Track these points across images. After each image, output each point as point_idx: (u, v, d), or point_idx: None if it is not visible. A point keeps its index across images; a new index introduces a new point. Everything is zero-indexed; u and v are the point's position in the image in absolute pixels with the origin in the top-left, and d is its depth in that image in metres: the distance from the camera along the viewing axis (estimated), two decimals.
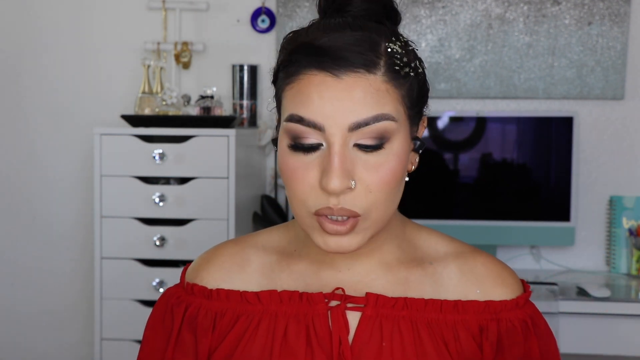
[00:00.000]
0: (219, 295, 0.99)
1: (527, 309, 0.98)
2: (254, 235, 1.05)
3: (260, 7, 2.68)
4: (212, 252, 1.05)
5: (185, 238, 2.28)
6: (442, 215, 2.53)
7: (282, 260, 1.00)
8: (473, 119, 2.51)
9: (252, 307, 0.97)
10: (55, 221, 2.79)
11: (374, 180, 0.87)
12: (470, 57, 2.63)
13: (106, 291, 2.31)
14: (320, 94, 0.86)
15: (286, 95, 0.90)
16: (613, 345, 2.23)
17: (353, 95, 0.86)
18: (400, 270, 0.97)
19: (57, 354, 2.81)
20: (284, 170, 0.90)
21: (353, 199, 0.87)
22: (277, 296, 0.96)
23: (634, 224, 2.56)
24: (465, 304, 0.95)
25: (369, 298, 0.94)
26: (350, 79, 0.86)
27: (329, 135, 0.86)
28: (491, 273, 0.98)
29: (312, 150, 0.87)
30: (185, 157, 2.27)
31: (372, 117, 0.86)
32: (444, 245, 1.00)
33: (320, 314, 0.94)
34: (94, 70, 2.75)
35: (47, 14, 2.75)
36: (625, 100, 2.62)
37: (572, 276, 2.51)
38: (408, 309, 0.94)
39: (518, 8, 2.62)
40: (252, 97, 2.62)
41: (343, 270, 0.97)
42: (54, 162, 2.78)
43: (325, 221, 0.88)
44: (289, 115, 0.89)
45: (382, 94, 0.87)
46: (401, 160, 0.89)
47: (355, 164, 0.87)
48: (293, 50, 0.90)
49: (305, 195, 0.88)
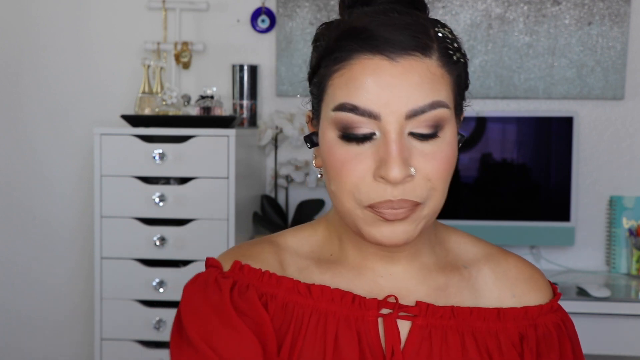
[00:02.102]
0: (270, 278, 0.90)
1: (560, 313, 0.97)
2: (279, 236, 0.97)
3: (260, 7, 2.68)
4: (247, 249, 0.94)
5: (185, 238, 2.28)
6: (442, 215, 2.49)
7: (320, 265, 0.94)
8: (473, 119, 2.51)
9: (302, 300, 0.90)
10: (55, 221, 2.79)
11: (433, 169, 0.84)
12: (470, 57, 2.61)
13: (106, 291, 2.30)
14: (376, 80, 0.81)
15: (334, 83, 0.85)
16: (613, 345, 2.23)
17: (410, 79, 0.81)
18: (439, 276, 0.95)
19: (57, 354, 2.81)
20: (331, 163, 0.85)
21: (413, 189, 0.83)
22: (329, 293, 0.90)
23: (634, 224, 2.56)
24: (506, 311, 0.94)
25: (420, 307, 0.91)
26: (406, 62, 0.82)
27: (385, 124, 0.82)
28: (524, 276, 0.98)
29: (365, 140, 0.83)
30: (185, 157, 2.27)
31: (428, 104, 0.82)
32: (473, 247, 0.99)
33: (371, 320, 0.90)
34: (94, 70, 2.75)
35: (47, 14, 2.75)
36: (625, 100, 2.62)
37: (572, 276, 2.51)
38: (455, 319, 0.92)
39: (518, 8, 2.62)
40: (252, 97, 2.62)
41: (384, 276, 0.93)
42: (54, 162, 2.78)
43: (383, 211, 0.83)
44: (339, 104, 0.83)
45: (438, 79, 0.83)
46: (454, 149, 0.87)
47: (412, 153, 0.83)
48: (341, 36, 0.84)
49: (356, 187, 0.83)
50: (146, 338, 2.31)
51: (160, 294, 2.29)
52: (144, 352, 2.30)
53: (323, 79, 0.86)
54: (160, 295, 2.29)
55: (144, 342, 2.31)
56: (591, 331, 2.20)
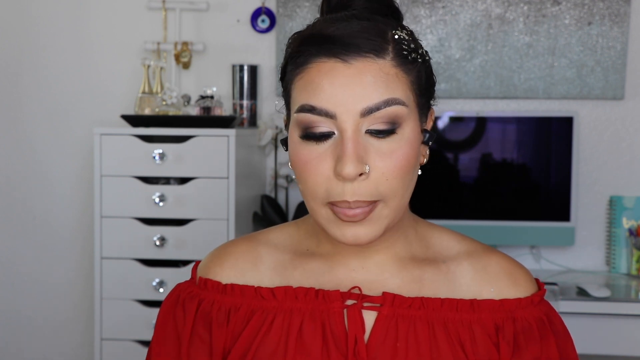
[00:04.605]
0: (233, 290, 0.97)
1: (543, 307, 0.97)
2: (264, 232, 1.03)
3: (260, 7, 2.68)
4: (223, 249, 1.02)
5: (185, 238, 2.28)
6: (442, 215, 2.52)
7: (295, 259, 0.99)
8: (473, 119, 2.51)
9: (266, 303, 0.95)
10: (55, 221, 2.79)
11: (389, 167, 0.86)
12: (470, 57, 2.63)
13: (106, 291, 2.31)
14: (331, 81, 0.86)
15: (295, 86, 0.89)
16: (613, 345, 2.23)
17: (363, 80, 0.85)
18: (414, 269, 0.96)
19: (57, 354, 2.81)
20: (296, 163, 0.90)
21: (368, 188, 0.86)
22: (292, 292, 0.95)
23: (634, 224, 2.56)
24: (481, 302, 0.94)
25: (386, 297, 0.93)
26: (360, 64, 0.86)
27: (341, 122, 0.85)
28: (505, 271, 0.98)
29: (324, 139, 0.87)
30: (185, 157, 2.27)
31: (383, 101, 0.85)
32: (456, 244, 1.00)
33: (336, 312, 0.93)
34: (94, 70, 2.75)
35: (47, 14, 2.75)
36: (625, 100, 2.62)
37: (572, 276, 2.51)
38: (424, 309, 0.93)
39: (518, 8, 2.62)
40: (252, 97, 2.62)
41: (357, 269, 0.96)
42: (54, 162, 2.78)
43: (340, 210, 0.86)
44: (299, 106, 0.88)
45: (392, 79, 0.86)
46: (413, 147, 0.89)
47: (368, 151, 0.86)
48: (301, 42, 0.89)
49: (319, 186, 0.87)
50: (146, 338, 2.31)
51: (160, 294, 2.29)
52: (144, 352, 2.30)
53: (288, 84, 0.92)
54: (160, 296, 2.29)
55: (144, 342, 2.31)
56: (591, 331, 2.20)
